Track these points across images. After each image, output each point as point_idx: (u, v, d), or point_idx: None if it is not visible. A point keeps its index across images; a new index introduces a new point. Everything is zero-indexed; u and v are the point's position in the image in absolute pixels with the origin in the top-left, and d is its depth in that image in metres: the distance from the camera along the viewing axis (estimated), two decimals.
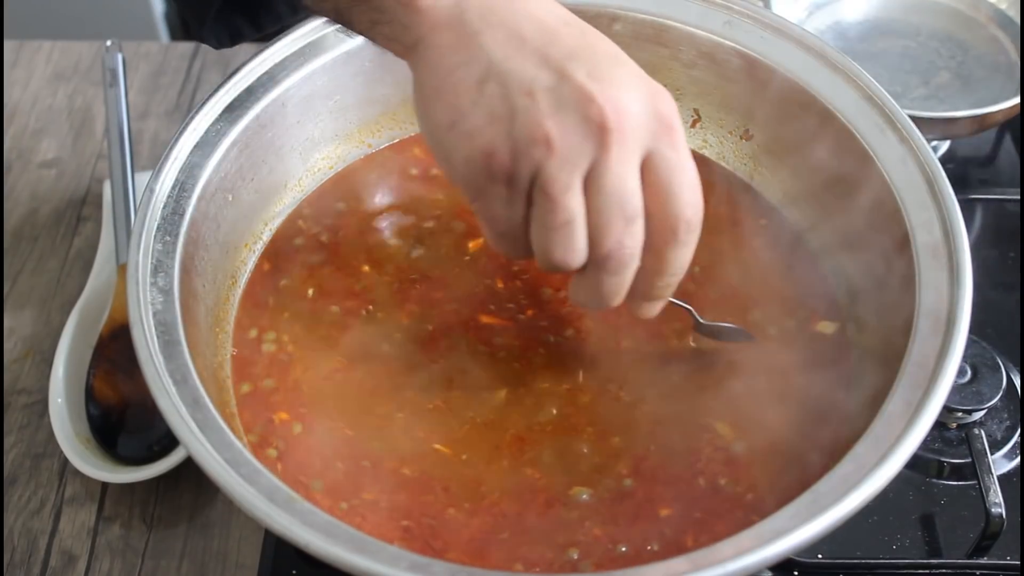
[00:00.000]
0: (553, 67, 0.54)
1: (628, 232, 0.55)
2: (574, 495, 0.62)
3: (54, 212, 0.98)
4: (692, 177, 0.56)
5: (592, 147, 0.53)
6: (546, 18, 0.55)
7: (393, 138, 0.80)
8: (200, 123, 0.69)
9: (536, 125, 0.53)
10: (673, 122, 0.55)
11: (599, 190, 0.54)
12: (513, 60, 0.54)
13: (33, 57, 1.12)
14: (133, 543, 0.78)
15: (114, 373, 0.82)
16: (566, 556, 0.60)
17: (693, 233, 0.57)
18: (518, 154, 0.54)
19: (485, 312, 0.70)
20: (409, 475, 0.63)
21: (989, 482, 0.72)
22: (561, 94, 0.53)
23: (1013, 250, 0.91)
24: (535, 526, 0.61)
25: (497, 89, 0.54)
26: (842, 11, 1.02)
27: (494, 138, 0.54)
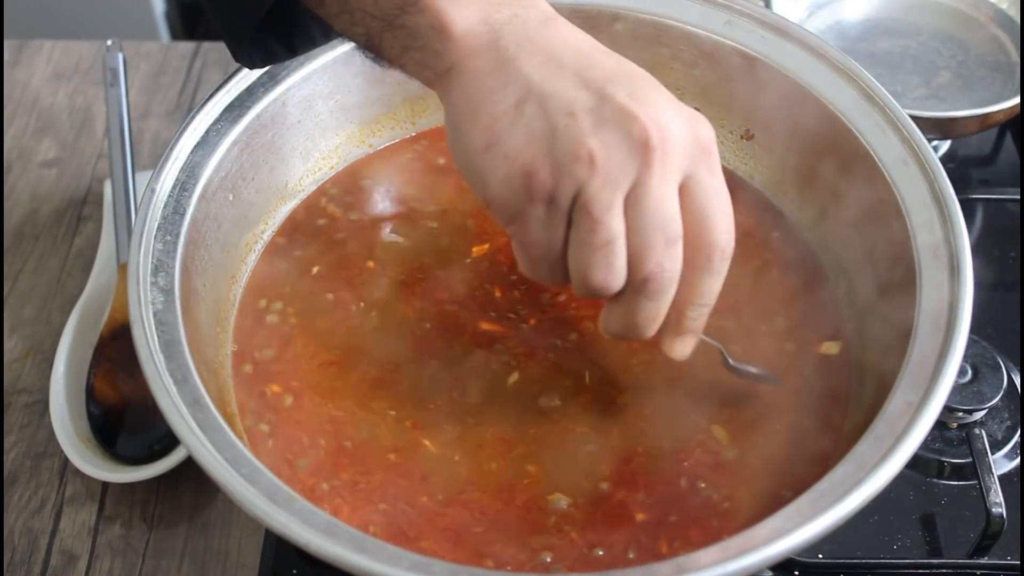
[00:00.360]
0: (593, 88, 0.54)
1: (668, 255, 0.55)
2: (553, 501, 0.62)
3: (55, 212, 0.98)
4: (727, 204, 0.56)
5: (635, 165, 0.53)
6: (581, 45, 0.56)
7: (394, 138, 0.80)
8: (201, 123, 0.69)
9: (579, 143, 0.53)
10: (711, 147, 0.55)
11: (642, 210, 0.54)
12: (552, 82, 0.54)
13: (34, 57, 1.12)
14: (134, 543, 0.78)
15: (115, 372, 0.82)
16: (538, 559, 0.60)
17: (726, 261, 0.57)
18: (560, 172, 0.53)
19: (485, 317, 0.70)
20: (390, 461, 0.64)
21: (990, 482, 0.72)
22: (603, 113, 0.53)
23: (1013, 250, 0.91)
24: (510, 525, 0.61)
25: (537, 110, 0.54)
26: (843, 11, 1.02)
27: (534, 157, 0.54)
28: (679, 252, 0.55)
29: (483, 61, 0.55)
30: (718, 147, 0.77)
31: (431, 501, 0.62)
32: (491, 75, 0.55)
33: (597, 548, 0.60)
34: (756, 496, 0.62)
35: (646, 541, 0.60)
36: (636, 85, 0.54)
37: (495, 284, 0.72)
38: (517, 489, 0.63)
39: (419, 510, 0.62)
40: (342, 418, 0.66)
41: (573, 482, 0.63)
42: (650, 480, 0.63)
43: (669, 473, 0.63)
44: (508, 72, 0.54)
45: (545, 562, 0.59)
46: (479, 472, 0.63)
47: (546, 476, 0.63)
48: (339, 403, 0.66)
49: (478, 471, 0.63)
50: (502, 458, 0.64)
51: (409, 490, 0.63)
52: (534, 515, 0.61)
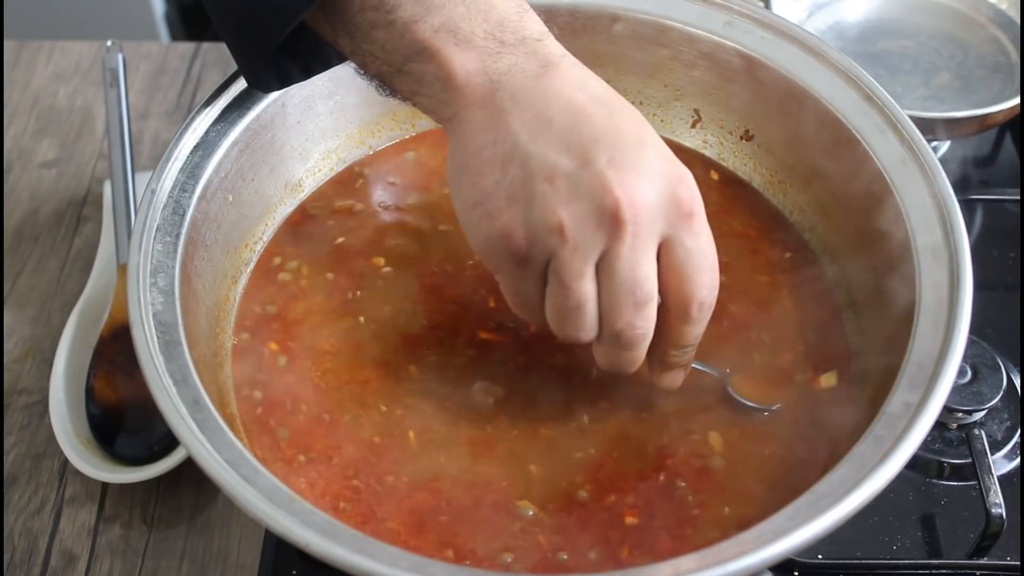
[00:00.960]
0: (576, 152, 0.55)
1: (639, 315, 0.57)
2: (521, 508, 0.62)
3: (54, 212, 0.98)
4: (710, 261, 0.58)
5: (604, 237, 0.55)
6: (575, 97, 0.56)
7: (393, 138, 0.80)
8: (200, 123, 0.69)
9: (552, 213, 0.55)
10: (693, 208, 0.56)
11: (611, 276, 0.56)
12: (538, 142, 0.55)
13: (33, 57, 1.12)
14: (133, 543, 0.78)
15: (114, 373, 0.82)
16: (499, 559, 0.60)
17: (706, 312, 0.59)
18: (534, 239, 0.56)
19: (484, 325, 0.70)
20: (363, 438, 0.65)
21: (989, 482, 0.72)
22: (580, 181, 0.54)
23: (1013, 250, 0.91)
24: (476, 521, 0.62)
25: (519, 172, 0.55)
26: (842, 11, 1.02)
27: (512, 221, 0.56)
28: (651, 311, 0.57)
29: (479, 114, 0.57)
30: (718, 147, 0.78)
31: (398, 481, 0.63)
32: (484, 130, 0.57)
33: (561, 552, 0.60)
34: (730, 510, 0.62)
35: (613, 546, 0.60)
36: (619, 148, 0.55)
37: (495, 288, 0.72)
38: (490, 490, 0.63)
39: (387, 489, 0.63)
40: (324, 388, 0.67)
41: (547, 490, 0.63)
42: (631, 484, 0.63)
43: (651, 477, 0.63)
44: (499, 128, 0.56)
45: (506, 562, 0.60)
46: (455, 466, 0.64)
47: (522, 481, 0.63)
48: (327, 373, 0.67)
49: (455, 465, 0.64)
50: (482, 456, 0.64)
51: (380, 469, 0.64)
52: (500, 517, 0.62)
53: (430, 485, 0.63)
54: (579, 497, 0.62)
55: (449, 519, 0.62)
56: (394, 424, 0.65)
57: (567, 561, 0.60)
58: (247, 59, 0.64)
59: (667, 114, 0.80)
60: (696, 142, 0.80)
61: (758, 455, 0.64)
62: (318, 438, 0.65)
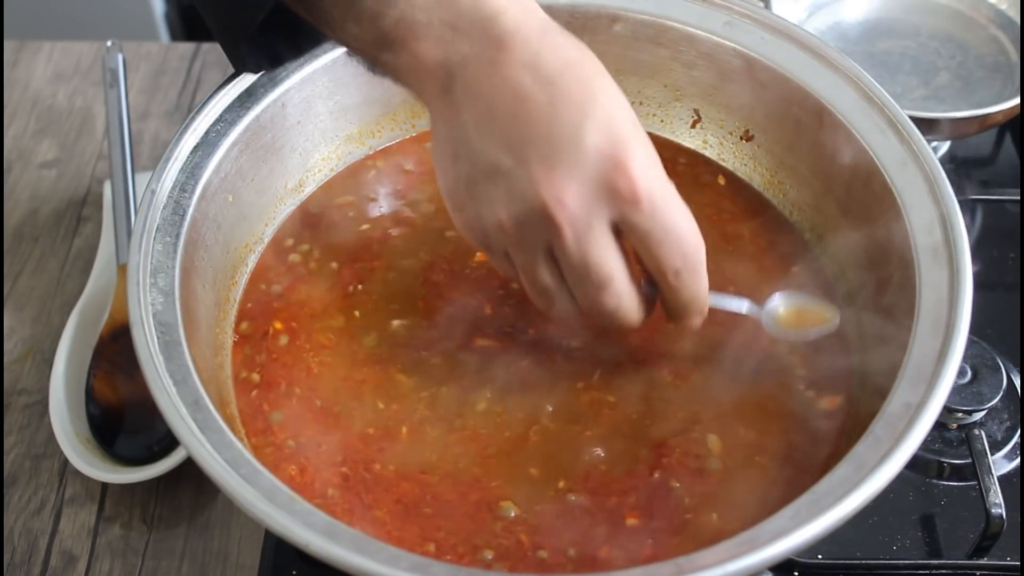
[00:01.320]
0: (513, 149, 0.55)
1: (603, 295, 0.58)
2: (504, 508, 0.62)
3: (54, 212, 0.98)
4: (674, 233, 0.58)
5: (543, 233, 0.56)
6: (521, 82, 0.56)
7: (393, 138, 0.80)
8: (201, 124, 0.69)
9: (494, 214, 0.57)
10: (636, 193, 0.55)
11: (563, 266, 0.58)
12: (484, 139, 0.56)
13: (33, 57, 1.12)
14: (133, 543, 0.78)
15: (114, 373, 0.82)
16: (480, 556, 0.60)
17: (687, 275, 0.59)
18: (487, 235, 0.58)
19: (481, 327, 0.70)
20: (355, 429, 0.65)
21: (989, 483, 0.72)
22: (516, 180, 0.56)
23: (1013, 251, 0.91)
24: (460, 517, 0.62)
25: (470, 169, 0.57)
26: (842, 12, 1.02)
27: (472, 215, 0.58)
28: (617, 287, 0.58)
29: (441, 106, 0.58)
30: (718, 147, 0.78)
31: (385, 470, 0.64)
32: (446, 123, 0.58)
33: (541, 550, 0.60)
34: (727, 514, 0.62)
35: (592, 546, 0.61)
36: (552, 142, 0.55)
37: (497, 287, 0.72)
38: (476, 487, 0.63)
39: (375, 477, 0.63)
40: (318, 375, 0.68)
41: (534, 491, 0.63)
42: (623, 486, 0.63)
43: (645, 480, 0.63)
44: (454, 122, 0.57)
45: (487, 559, 0.60)
46: (446, 462, 0.64)
47: (510, 481, 0.63)
48: (327, 386, 0.68)
49: (445, 461, 0.64)
50: (473, 455, 0.64)
51: (368, 458, 0.64)
52: (483, 515, 0.62)
53: (418, 477, 0.63)
54: (568, 500, 0.62)
55: (433, 512, 0.62)
56: (387, 418, 0.66)
57: (547, 559, 0.60)
58: (229, 37, 0.64)
59: (667, 114, 0.80)
60: (696, 142, 0.80)
61: (755, 453, 0.64)
62: (309, 423, 0.66)
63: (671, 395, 0.66)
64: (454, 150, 0.58)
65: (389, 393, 0.67)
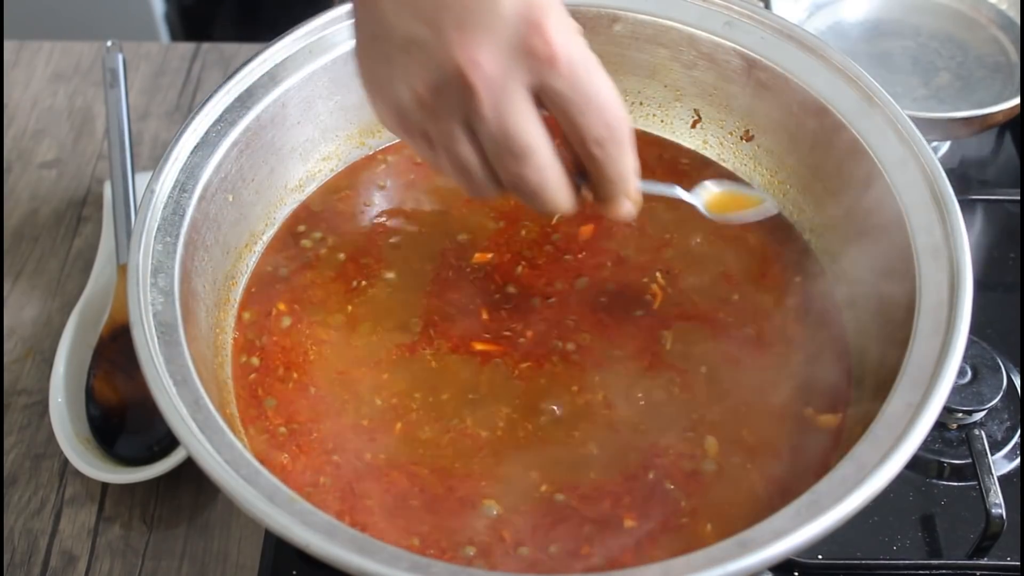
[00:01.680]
0: (428, 18, 0.54)
1: (524, 167, 0.57)
2: (485, 507, 0.62)
3: (54, 213, 0.98)
4: (594, 98, 0.56)
5: (459, 100, 0.55)
6: None
7: (393, 139, 0.80)
8: (200, 124, 0.69)
9: (411, 86, 0.56)
10: (553, 52, 0.54)
11: (482, 137, 0.56)
12: (399, 15, 0.55)
13: (33, 57, 1.12)
14: (133, 543, 0.78)
15: (114, 374, 0.82)
16: (462, 553, 0.61)
17: (611, 145, 0.58)
18: (405, 112, 0.57)
19: (478, 331, 0.70)
20: (347, 420, 0.66)
21: (989, 483, 0.72)
22: (430, 49, 0.54)
23: (1013, 251, 0.91)
24: (444, 513, 0.62)
25: (384, 47, 0.56)
26: (842, 12, 1.02)
27: (388, 96, 0.57)
28: (539, 160, 0.57)
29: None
30: (718, 147, 0.78)
31: (375, 459, 0.64)
32: (363, 5, 0.57)
33: (522, 546, 0.61)
34: (720, 520, 0.62)
35: (574, 544, 0.61)
36: (467, 7, 0.54)
37: (495, 291, 0.72)
38: (464, 483, 0.63)
39: (366, 466, 0.64)
40: (314, 362, 0.69)
41: (519, 490, 0.63)
42: (612, 489, 0.63)
43: (636, 483, 0.63)
44: (369, 3, 0.56)
45: (468, 555, 0.60)
46: (436, 456, 0.64)
47: (497, 480, 0.63)
48: (323, 376, 0.68)
49: (435, 455, 0.64)
50: (465, 453, 0.64)
51: (359, 447, 0.65)
52: (467, 511, 0.62)
53: (407, 468, 0.64)
54: (555, 500, 0.62)
55: (419, 505, 0.62)
56: (382, 412, 0.66)
57: (528, 555, 0.60)
58: None
59: (667, 114, 0.80)
60: (696, 142, 0.80)
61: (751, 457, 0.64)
62: (302, 409, 0.66)
63: (666, 398, 0.67)
64: (371, 31, 0.56)
65: (385, 389, 0.67)
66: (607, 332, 0.69)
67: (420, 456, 0.64)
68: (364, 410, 0.66)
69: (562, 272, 0.73)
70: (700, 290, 0.72)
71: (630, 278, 0.72)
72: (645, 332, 0.69)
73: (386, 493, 0.63)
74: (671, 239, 0.74)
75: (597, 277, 0.72)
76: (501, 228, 0.75)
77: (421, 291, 0.72)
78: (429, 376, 0.68)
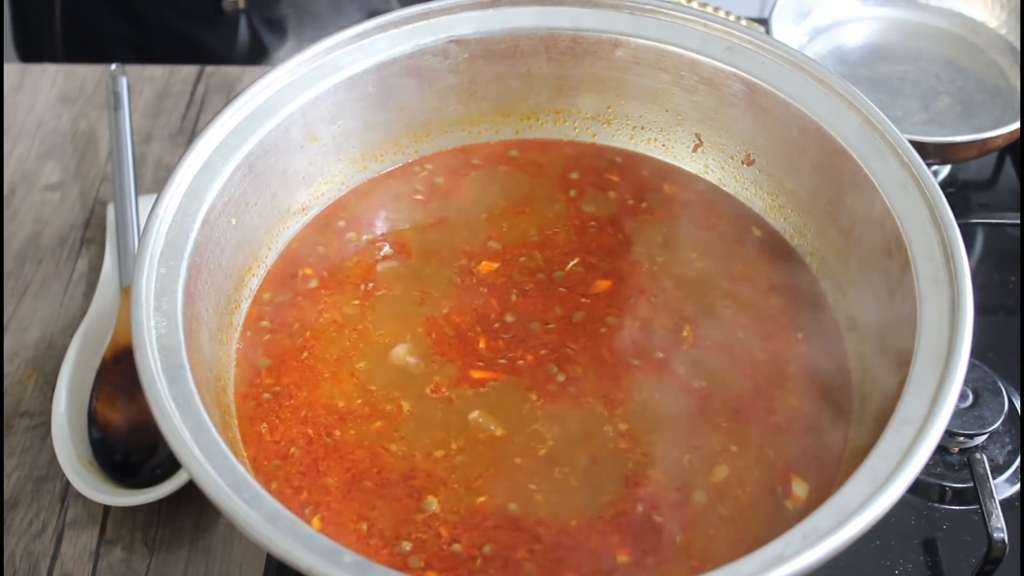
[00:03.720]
0: None
1: None
2: (426, 504, 0.63)
3: (58, 235, 0.99)
4: None
5: None
6: None
7: (396, 163, 0.81)
8: (204, 147, 0.69)
9: None
10: None
11: None
12: None
13: (38, 80, 1.13)
14: (135, 566, 0.78)
15: (117, 396, 0.82)
16: (398, 548, 0.61)
17: None
18: None
19: (478, 353, 0.70)
20: (321, 395, 0.68)
21: (991, 507, 0.72)
22: None
23: (1014, 274, 0.91)
24: (392, 500, 0.63)
25: None
26: (843, 36, 1.02)
27: None
28: None
29: None
30: (719, 172, 0.79)
31: (345, 435, 0.66)
32: None
33: (455, 543, 0.62)
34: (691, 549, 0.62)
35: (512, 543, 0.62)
36: None
37: (494, 320, 0.72)
38: (418, 476, 0.64)
39: (335, 442, 0.66)
40: (312, 338, 0.71)
41: (463, 498, 0.64)
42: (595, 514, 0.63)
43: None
44: None
45: (404, 551, 0.61)
46: (404, 445, 0.66)
47: (440, 478, 0.64)
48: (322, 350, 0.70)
49: (404, 445, 0.66)
50: (433, 451, 0.65)
51: (330, 423, 0.67)
52: (412, 503, 0.63)
53: (373, 447, 0.65)
54: (508, 510, 0.63)
55: (374, 487, 0.64)
56: (366, 401, 0.68)
57: (460, 552, 0.61)
58: None
59: (668, 139, 0.81)
60: (698, 167, 0.80)
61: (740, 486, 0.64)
62: (293, 370, 0.68)
63: (655, 426, 0.67)
64: None
65: (373, 395, 0.68)
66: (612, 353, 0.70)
67: (389, 439, 0.66)
68: (352, 392, 0.68)
69: (561, 302, 0.73)
70: (693, 300, 0.72)
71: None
72: (639, 362, 0.69)
73: (347, 472, 0.64)
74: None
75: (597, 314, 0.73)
76: (501, 250, 0.76)
77: (422, 313, 0.72)
78: (424, 400, 0.68)
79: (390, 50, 0.76)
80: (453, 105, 0.80)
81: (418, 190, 0.79)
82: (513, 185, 0.80)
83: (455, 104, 0.80)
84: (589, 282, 0.74)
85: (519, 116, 0.82)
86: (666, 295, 0.73)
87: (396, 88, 0.78)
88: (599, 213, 0.78)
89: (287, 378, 0.69)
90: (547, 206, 0.78)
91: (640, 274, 0.74)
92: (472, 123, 0.82)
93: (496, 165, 0.81)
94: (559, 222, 0.77)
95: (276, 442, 0.66)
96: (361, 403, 0.68)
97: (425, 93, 0.79)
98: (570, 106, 0.82)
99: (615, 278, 0.74)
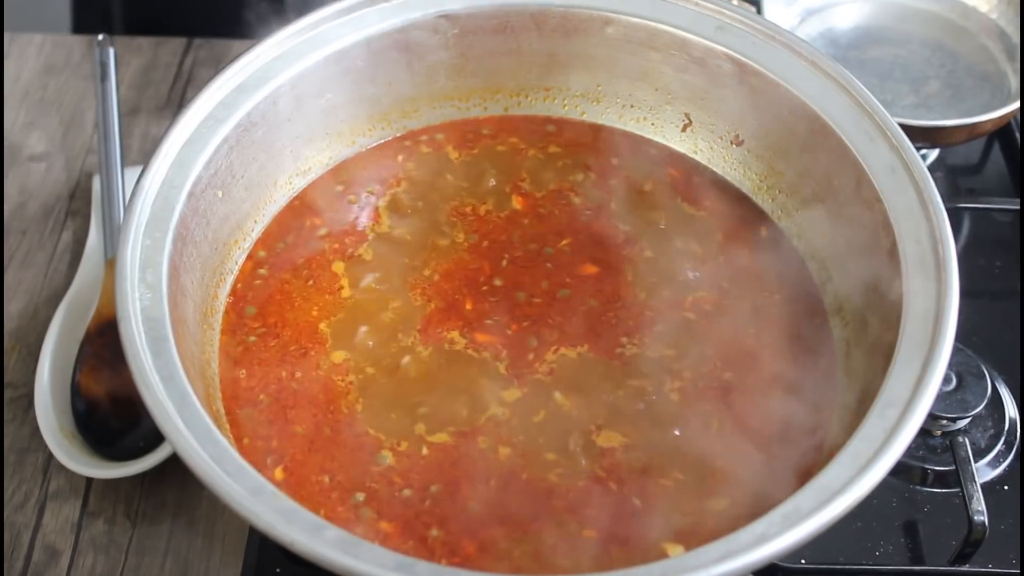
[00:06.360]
0: None
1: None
2: (381, 456, 0.64)
3: (43, 206, 0.98)
4: None
5: None
6: None
7: (383, 137, 0.80)
8: (191, 119, 0.69)
9: None
10: None
11: None
12: None
13: (24, 50, 1.12)
14: (117, 539, 0.78)
15: (100, 368, 0.82)
16: (352, 499, 0.63)
17: None
18: None
19: (466, 317, 0.71)
20: (307, 364, 0.69)
21: (972, 490, 0.73)
22: None
23: (1000, 259, 0.92)
24: (350, 449, 0.65)
25: None
26: (834, 18, 1.02)
27: None
28: None
29: None
30: (708, 152, 0.79)
31: (316, 375, 0.68)
32: None
33: (405, 488, 0.63)
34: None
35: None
36: None
37: (483, 282, 0.72)
38: (382, 429, 0.66)
39: (302, 387, 0.67)
40: (301, 306, 0.71)
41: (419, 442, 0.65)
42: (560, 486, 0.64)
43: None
44: None
45: (358, 501, 0.63)
46: (378, 397, 0.67)
47: (392, 434, 0.65)
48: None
49: (373, 399, 0.67)
50: (401, 403, 0.67)
51: (306, 364, 0.68)
52: (368, 456, 0.65)
53: (341, 389, 0.67)
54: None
55: (332, 435, 0.65)
56: (344, 361, 0.69)
57: (410, 497, 0.62)
58: None
59: (658, 118, 0.80)
60: (687, 147, 0.80)
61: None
62: (279, 308, 0.70)
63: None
64: None
65: (357, 350, 0.69)
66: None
67: (360, 389, 0.67)
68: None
69: (548, 275, 0.73)
70: (679, 290, 0.72)
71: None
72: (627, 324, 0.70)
73: (312, 419, 0.66)
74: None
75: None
76: (487, 216, 0.76)
77: (407, 285, 0.72)
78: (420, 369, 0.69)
79: (379, 24, 0.75)
80: (442, 80, 0.80)
81: (407, 165, 0.79)
82: (503, 162, 0.80)
83: (444, 79, 0.80)
84: (577, 264, 0.74)
85: (508, 92, 0.82)
86: (652, 276, 0.73)
87: (385, 63, 0.77)
88: (587, 191, 0.78)
89: (273, 322, 0.70)
90: (536, 185, 0.78)
91: (626, 256, 0.74)
92: (461, 99, 0.81)
93: (486, 141, 0.81)
94: (548, 201, 0.77)
95: (249, 387, 0.67)
96: (344, 360, 0.68)
97: (414, 68, 0.79)
98: (560, 83, 0.81)
99: (601, 263, 0.74)
